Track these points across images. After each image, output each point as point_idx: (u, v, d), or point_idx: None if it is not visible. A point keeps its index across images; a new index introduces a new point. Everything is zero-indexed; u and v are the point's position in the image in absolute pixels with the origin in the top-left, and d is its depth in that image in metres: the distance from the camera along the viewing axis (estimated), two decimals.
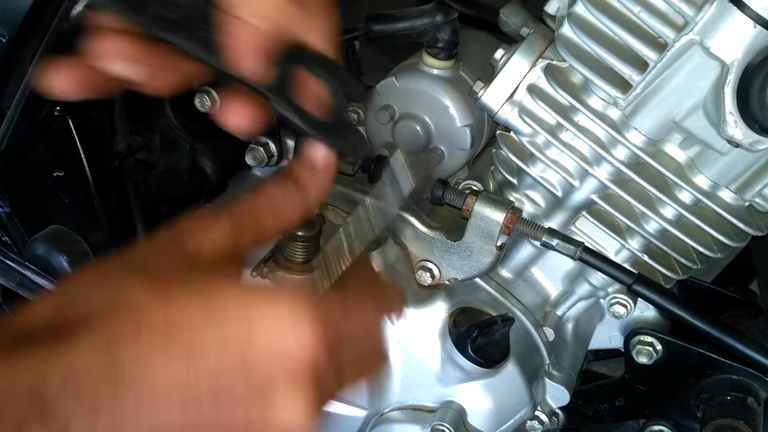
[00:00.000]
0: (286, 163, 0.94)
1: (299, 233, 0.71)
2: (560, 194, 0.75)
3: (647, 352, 0.78)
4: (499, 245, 0.73)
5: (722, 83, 0.61)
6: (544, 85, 0.72)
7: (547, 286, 0.82)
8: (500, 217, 0.71)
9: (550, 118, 0.72)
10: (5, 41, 0.81)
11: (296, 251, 0.72)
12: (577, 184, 0.74)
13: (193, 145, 0.98)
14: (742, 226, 0.70)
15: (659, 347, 0.78)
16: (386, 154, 0.85)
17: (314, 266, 0.66)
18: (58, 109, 0.85)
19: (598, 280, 0.79)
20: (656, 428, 0.83)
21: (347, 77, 0.49)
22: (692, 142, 0.69)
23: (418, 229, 0.76)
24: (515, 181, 0.78)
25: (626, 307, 0.80)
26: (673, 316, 0.75)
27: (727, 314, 0.87)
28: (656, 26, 0.63)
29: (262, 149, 0.91)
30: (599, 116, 0.69)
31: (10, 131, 0.86)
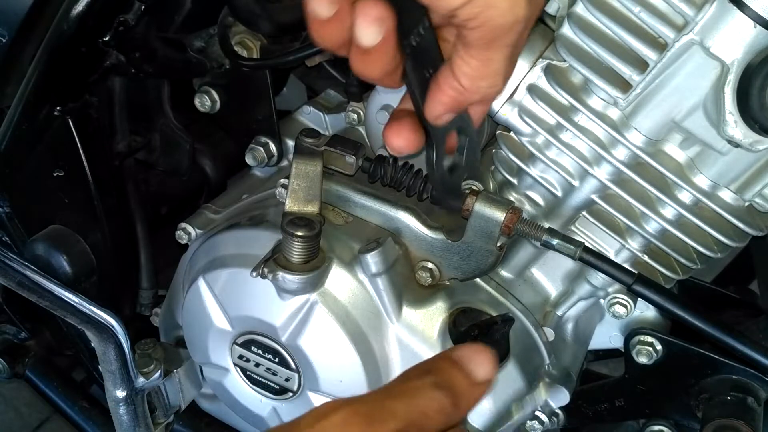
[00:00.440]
0: (286, 163, 0.94)
1: (299, 233, 0.71)
2: (560, 194, 0.75)
3: (647, 352, 0.78)
4: (499, 245, 0.73)
5: (722, 83, 0.61)
6: (544, 85, 0.72)
7: (547, 286, 0.83)
8: (500, 217, 0.71)
9: (550, 118, 0.72)
10: (5, 41, 0.81)
11: (296, 251, 0.72)
12: (577, 184, 0.74)
13: (193, 145, 0.98)
14: (742, 226, 0.70)
15: (659, 347, 0.78)
16: (386, 154, 0.85)
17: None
18: (58, 109, 0.85)
19: (598, 280, 0.79)
20: (656, 428, 0.83)
21: (477, 154, 0.67)
22: (692, 142, 0.69)
23: (418, 229, 0.76)
24: (515, 181, 0.78)
25: (626, 307, 0.80)
26: (673, 316, 0.75)
27: (727, 314, 0.87)
28: (656, 26, 0.63)
29: (262, 149, 0.91)
30: (599, 116, 0.69)
31: (10, 131, 0.86)
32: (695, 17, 0.61)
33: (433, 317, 0.75)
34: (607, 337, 0.87)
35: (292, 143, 0.91)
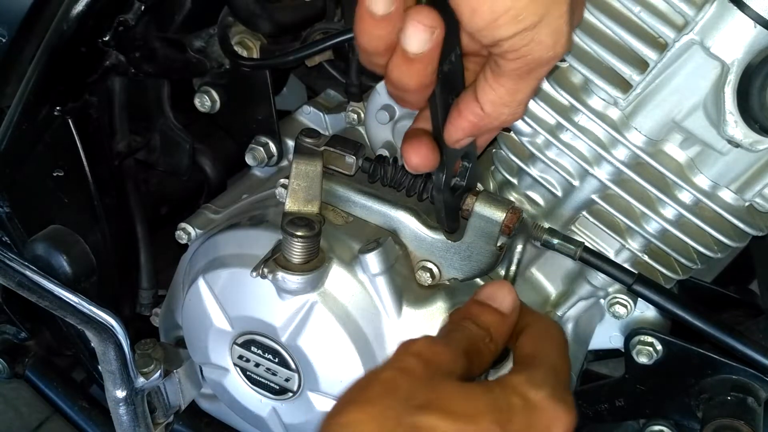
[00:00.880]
0: (286, 163, 0.94)
1: (299, 233, 0.70)
2: (560, 194, 0.75)
3: (647, 352, 0.78)
4: (499, 245, 0.73)
5: (722, 83, 0.61)
6: (544, 85, 0.72)
7: (547, 286, 0.83)
8: (500, 217, 0.71)
9: (550, 118, 0.72)
10: (5, 41, 0.81)
11: (296, 251, 0.72)
12: (577, 184, 0.74)
13: (193, 145, 0.98)
14: (742, 226, 0.70)
15: (659, 347, 0.78)
16: (386, 154, 0.85)
17: None
18: (58, 109, 0.85)
19: (598, 280, 0.79)
20: (656, 428, 0.83)
21: (476, 179, 0.70)
22: (692, 142, 0.69)
23: (418, 229, 0.76)
24: (515, 181, 0.78)
25: (626, 307, 0.80)
26: (673, 316, 0.74)
27: (727, 314, 0.87)
28: (656, 26, 0.63)
29: (262, 149, 0.91)
30: (599, 116, 0.69)
31: (10, 131, 0.86)
32: (695, 17, 0.61)
33: (433, 317, 0.75)
34: (607, 337, 0.87)
35: (292, 143, 0.91)
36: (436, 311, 0.76)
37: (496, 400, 0.49)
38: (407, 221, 0.76)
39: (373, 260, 0.73)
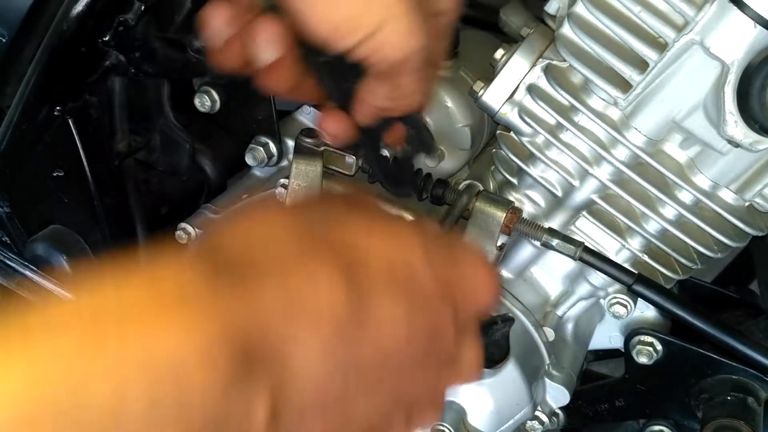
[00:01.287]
0: (286, 163, 0.93)
1: None
2: (560, 194, 0.75)
3: (647, 352, 0.78)
4: (499, 245, 0.73)
5: (722, 83, 0.61)
6: (544, 85, 0.72)
7: (547, 286, 0.82)
8: (500, 216, 0.71)
9: (550, 118, 0.72)
10: (5, 41, 0.81)
11: None
12: (577, 184, 0.74)
13: (193, 145, 0.97)
14: (742, 226, 0.70)
15: (659, 347, 0.78)
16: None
17: None
18: (58, 109, 0.85)
19: (598, 280, 0.79)
20: (656, 428, 0.83)
21: (425, 138, 0.66)
22: (692, 142, 0.69)
23: None
24: (515, 181, 0.78)
25: (626, 307, 0.80)
26: (673, 316, 0.75)
27: (727, 314, 0.87)
28: (656, 26, 0.63)
29: (262, 149, 0.91)
30: (599, 116, 0.69)
31: (10, 131, 0.86)
32: (695, 17, 0.61)
33: None
34: (607, 337, 0.87)
35: (292, 143, 0.91)
36: None
37: (420, 227, 0.45)
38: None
39: None
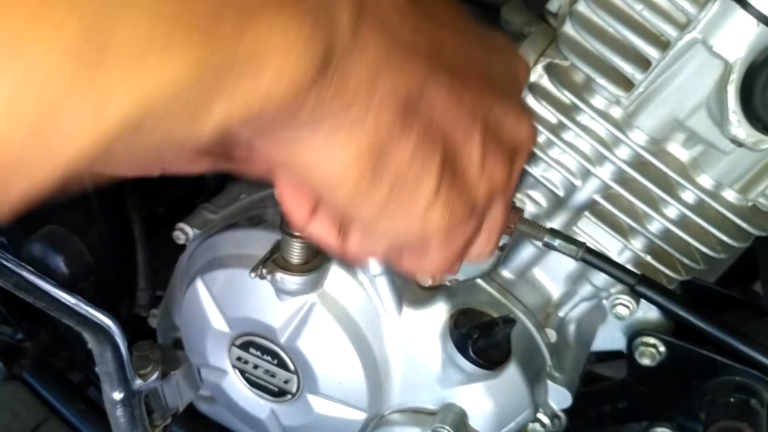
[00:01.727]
0: None
1: (298, 233, 0.70)
2: (562, 194, 0.75)
3: (650, 353, 0.78)
4: (500, 245, 0.72)
5: (725, 82, 0.61)
6: (545, 84, 0.71)
7: (548, 287, 0.82)
8: None
9: (552, 117, 0.71)
10: None
11: (295, 252, 0.71)
12: (579, 183, 0.73)
13: None
14: (745, 226, 0.70)
15: (662, 349, 0.77)
16: None
17: None
18: None
19: (600, 280, 0.79)
20: (659, 430, 0.83)
21: None
22: (695, 141, 0.68)
23: None
24: None
25: (629, 308, 0.80)
26: (676, 317, 0.74)
27: (730, 315, 0.86)
28: (659, 24, 0.63)
29: None
30: (602, 115, 0.69)
31: None
32: (698, 15, 0.60)
33: (433, 318, 0.75)
34: (609, 338, 0.87)
35: None
36: (436, 312, 0.75)
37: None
38: None
39: (373, 260, 0.72)
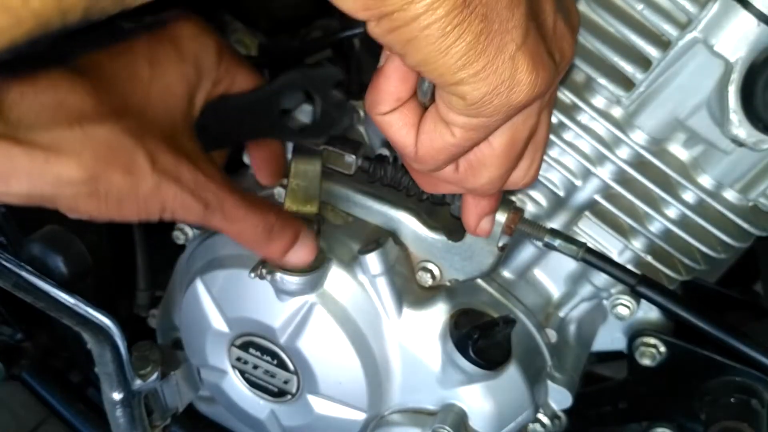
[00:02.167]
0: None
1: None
2: (563, 194, 0.75)
3: (650, 354, 0.78)
4: (500, 246, 0.72)
5: (726, 82, 0.61)
6: None
7: (549, 287, 0.82)
8: (502, 217, 0.70)
9: (552, 117, 0.71)
10: None
11: None
12: (579, 183, 0.73)
13: None
14: (746, 226, 0.70)
15: (663, 349, 0.77)
16: (386, 153, 0.84)
17: None
18: None
19: (600, 281, 0.79)
20: (659, 430, 0.83)
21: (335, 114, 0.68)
22: (696, 141, 0.68)
23: (418, 229, 0.75)
24: None
25: (629, 308, 0.80)
26: (676, 317, 0.74)
27: (731, 316, 0.86)
28: (660, 24, 0.63)
29: None
30: (602, 115, 0.69)
31: None
32: (699, 15, 0.60)
33: (433, 318, 0.75)
34: (609, 338, 0.87)
35: (290, 143, 0.90)
36: (436, 312, 0.75)
37: None
38: (407, 221, 0.75)
39: (373, 261, 0.72)
